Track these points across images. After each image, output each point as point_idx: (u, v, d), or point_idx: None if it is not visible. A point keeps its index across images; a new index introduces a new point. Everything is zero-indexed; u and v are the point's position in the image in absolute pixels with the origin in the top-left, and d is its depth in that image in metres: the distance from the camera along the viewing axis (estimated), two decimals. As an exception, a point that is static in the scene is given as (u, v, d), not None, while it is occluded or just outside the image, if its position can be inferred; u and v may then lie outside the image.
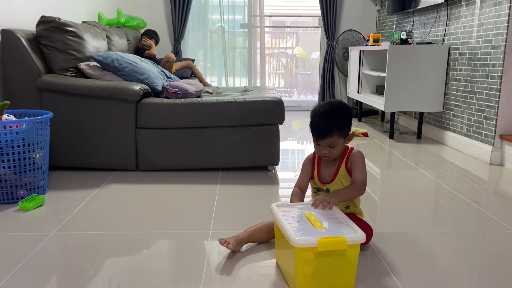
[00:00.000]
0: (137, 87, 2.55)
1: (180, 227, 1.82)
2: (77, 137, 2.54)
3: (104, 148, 2.55)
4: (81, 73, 2.71)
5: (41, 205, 2.05)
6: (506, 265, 1.52)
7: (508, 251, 1.63)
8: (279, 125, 2.65)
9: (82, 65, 2.69)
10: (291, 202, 1.60)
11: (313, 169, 1.64)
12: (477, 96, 3.07)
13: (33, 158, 2.09)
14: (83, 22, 3.26)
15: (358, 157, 1.58)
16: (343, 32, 5.11)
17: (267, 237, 1.62)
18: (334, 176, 1.59)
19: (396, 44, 3.63)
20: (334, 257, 1.26)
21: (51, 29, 2.56)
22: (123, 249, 1.61)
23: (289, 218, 1.38)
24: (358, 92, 4.40)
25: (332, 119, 1.52)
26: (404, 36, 3.63)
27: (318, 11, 5.11)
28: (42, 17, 2.58)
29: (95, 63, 2.74)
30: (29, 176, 2.09)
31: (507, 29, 2.73)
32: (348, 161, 1.58)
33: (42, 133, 2.12)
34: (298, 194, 1.61)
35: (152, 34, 4.28)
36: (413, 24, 4.19)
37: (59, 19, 2.60)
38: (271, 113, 2.59)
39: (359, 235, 1.25)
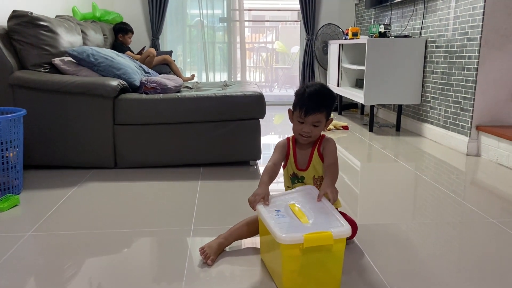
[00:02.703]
0: (114, 82, 2.50)
1: (161, 224, 1.79)
2: (52, 135, 2.47)
3: (81, 145, 2.50)
4: (55, 69, 2.63)
5: (16, 205, 1.99)
6: (484, 253, 1.55)
7: (485, 240, 1.66)
8: (260, 120, 2.64)
9: (56, 61, 2.62)
10: (261, 176, 1.53)
11: (288, 152, 1.62)
12: (454, 88, 3.12)
13: (7, 157, 2.02)
14: (56, 16, 3.17)
15: (331, 143, 1.58)
16: (322, 26, 5.12)
17: (249, 234, 1.59)
18: (308, 163, 1.59)
19: (374, 37, 3.66)
20: (320, 252, 1.25)
21: (23, 24, 2.48)
22: (103, 249, 1.57)
23: (274, 213, 1.36)
24: (338, 86, 4.42)
25: (324, 96, 1.53)
26: (382, 30, 3.66)
27: (297, 5, 5.10)
28: (14, 11, 2.49)
29: (70, 59, 2.67)
30: (3, 176, 2.03)
31: (483, 22, 2.77)
32: (321, 147, 1.58)
33: (16, 131, 2.06)
34: (271, 170, 1.54)
35: (128, 29, 4.18)
36: (390, 18, 4.23)
37: (31, 13, 2.52)
38: (251, 107, 2.58)
39: (345, 229, 1.24)
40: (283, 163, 1.64)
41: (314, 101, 1.50)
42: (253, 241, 1.61)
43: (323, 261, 1.27)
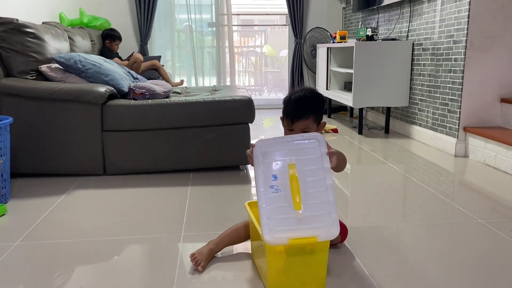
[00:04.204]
0: (102, 88, 2.48)
1: (151, 231, 1.78)
2: (40, 143, 2.45)
3: (69, 153, 2.47)
4: (42, 76, 2.61)
5: (3, 214, 1.96)
6: (473, 253, 1.57)
7: (475, 240, 1.68)
8: (250, 124, 2.64)
9: (43, 68, 2.60)
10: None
11: None
12: (441, 90, 3.15)
13: (-7, 165, 2.00)
14: (43, 23, 3.14)
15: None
16: (310, 30, 5.15)
17: (240, 240, 1.57)
18: None
19: (362, 41, 3.69)
20: (304, 252, 1.27)
21: (9, 31, 2.46)
22: (93, 257, 1.56)
23: (269, 181, 1.26)
24: (327, 89, 4.44)
25: (309, 102, 1.49)
26: (369, 33, 3.69)
27: (285, 9, 5.13)
28: (-1, 18, 2.47)
29: (57, 65, 2.65)
30: (-11, 185, 2.00)
31: (468, 24, 2.81)
32: None
33: (2, 139, 2.03)
34: None
35: (116, 36, 4.15)
36: (377, 21, 4.27)
37: (17, 20, 2.49)
38: (241, 112, 2.58)
39: (331, 234, 1.23)
40: None
41: (299, 108, 1.47)
42: (245, 247, 1.60)
43: (308, 260, 1.29)
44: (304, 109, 1.47)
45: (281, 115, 1.56)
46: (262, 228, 1.22)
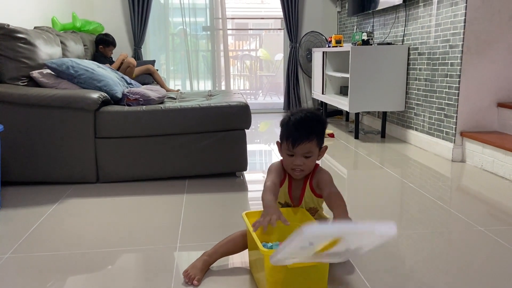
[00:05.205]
0: (95, 95, 2.44)
1: (146, 242, 1.74)
2: (31, 150, 2.40)
3: (61, 160, 2.42)
4: (33, 82, 2.56)
5: (-7, 225, 1.91)
6: (475, 263, 1.54)
7: (475, 249, 1.65)
8: (246, 130, 2.61)
9: (35, 73, 2.55)
10: (263, 197, 1.33)
11: (284, 178, 1.49)
12: (437, 94, 3.14)
13: (-17, 175, 1.95)
14: (35, 27, 3.10)
15: (325, 173, 1.46)
16: (305, 34, 5.14)
17: (236, 250, 1.52)
18: (300, 199, 1.49)
19: (357, 45, 3.67)
20: (305, 267, 1.25)
21: (-1, 36, 2.41)
22: (86, 269, 1.51)
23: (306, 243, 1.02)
24: (322, 93, 4.42)
25: (312, 122, 1.40)
26: (365, 37, 3.68)
27: (280, 13, 5.11)
28: (-11, 23, 2.42)
29: (49, 71, 2.60)
30: (-21, 195, 1.95)
31: (464, 29, 2.80)
32: (313, 180, 1.47)
33: (-8, 147, 1.98)
34: (272, 188, 1.36)
35: (110, 42, 4.09)
36: (373, 25, 4.26)
37: (8, 25, 2.45)
38: (237, 118, 2.54)
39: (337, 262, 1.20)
40: None
41: (300, 130, 1.37)
42: (242, 261, 1.56)
43: (308, 273, 1.26)
44: (307, 130, 1.37)
45: (278, 141, 1.47)
46: (272, 254, 1.12)
